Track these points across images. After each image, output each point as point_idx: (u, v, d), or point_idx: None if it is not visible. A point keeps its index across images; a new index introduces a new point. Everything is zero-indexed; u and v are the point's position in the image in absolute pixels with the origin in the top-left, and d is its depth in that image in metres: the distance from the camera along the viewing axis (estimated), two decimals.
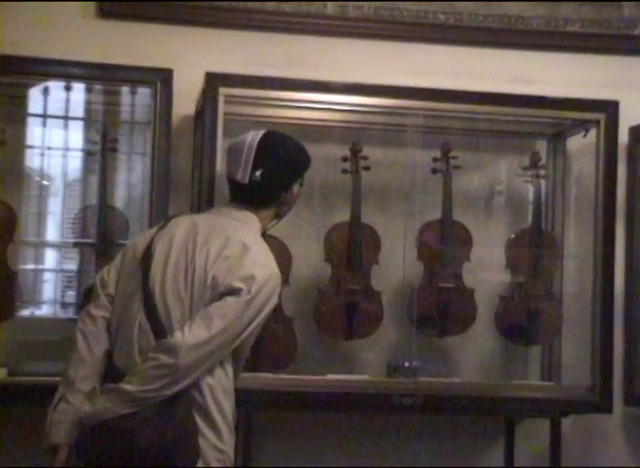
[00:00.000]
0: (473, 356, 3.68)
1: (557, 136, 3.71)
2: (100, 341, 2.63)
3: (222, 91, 3.13)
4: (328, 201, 3.57)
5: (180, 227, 2.71)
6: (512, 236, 3.61)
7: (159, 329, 2.53)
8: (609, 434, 3.76)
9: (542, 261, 3.59)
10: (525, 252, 3.57)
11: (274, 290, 2.58)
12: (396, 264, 3.43)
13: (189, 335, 2.47)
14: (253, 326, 2.57)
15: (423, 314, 3.39)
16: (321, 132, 3.60)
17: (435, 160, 3.43)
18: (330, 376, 3.21)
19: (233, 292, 2.50)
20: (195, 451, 2.50)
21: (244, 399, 2.84)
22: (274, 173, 2.73)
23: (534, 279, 3.57)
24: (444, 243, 3.45)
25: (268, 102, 3.39)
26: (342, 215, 3.44)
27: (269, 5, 3.62)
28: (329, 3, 3.69)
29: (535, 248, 3.58)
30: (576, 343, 3.57)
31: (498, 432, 3.63)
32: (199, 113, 3.32)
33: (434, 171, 3.44)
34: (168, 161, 3.23)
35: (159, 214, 3.17)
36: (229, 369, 2.61)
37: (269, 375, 3.12)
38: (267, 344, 3.18)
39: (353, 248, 3.38)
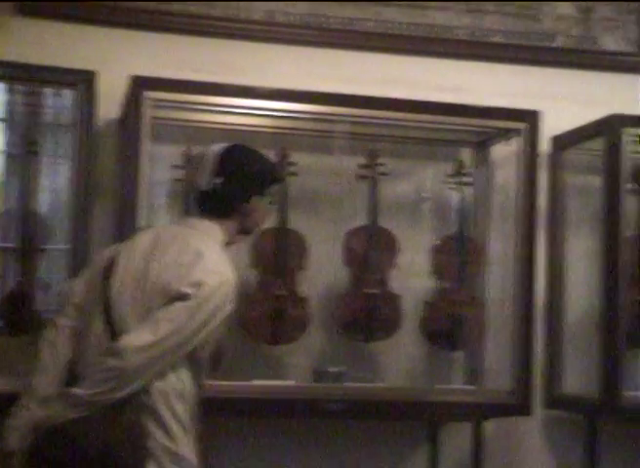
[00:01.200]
0: (398, 361, 3.72)
1: (481, 145, 3.78)
2: (63, 350, 2.65)
3: (147, 94, 3.13)
4: None
5: (144, 238, 2.74)
6: (437, 242, 3.65)
7: (114, 335, 2.53)
8: (529, 436, 3.84)
9: (467, 267, 3.65)
10: (450, 258, 3.63)
11: (227, 297, 2.58)
12: (323, 270, 3.46)
13: (135, 339, 2.47)
14: (205, 331, 2.56)
15: (349, 319, 3.42)
16: (249, 137, 3.47)
17: (362, 166, 3.46)
18: (256, 382, 3.22)
19: (182, 297, 2.50)
20: (142, 454, 2.49)
21: None
22: (233, 181, 2.72)
23: (458, 285, 3.63)
24: (370, 249, 3.48)
25: (196, 107, 3.40)
26: (270, 221, 3.35)
27: (198, 9, 3.59)
28: (256, 8, 3.68)
29: (459, 254, 3.63)
30: (498, 348, 3.62)
31: (422, 436, 3.68)
32: (124, 117, 3.32)
33: (361, 177, 3.45)
34: (91, 165, 3.24)
35: (83, 218, 3.20)
36: (184, 374, 2.59)
37: None
38: None
39: (280, 253, 3.39)
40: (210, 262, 2.58)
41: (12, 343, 3.29)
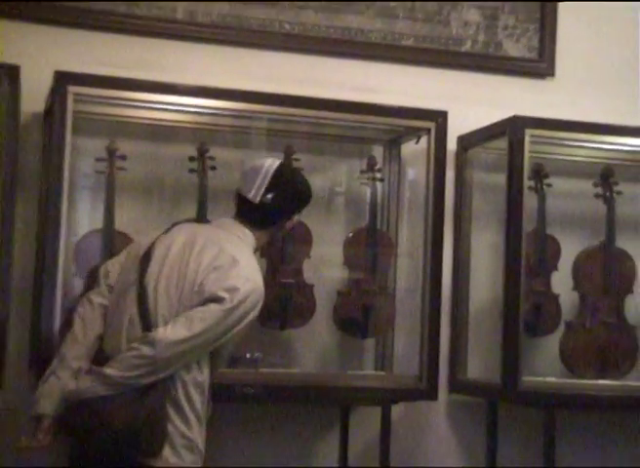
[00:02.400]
0: (312, 348, 3.76)
1: (393, 143, 3.83)
2: (94, 326, 2.75)
3: (71, 89, 3.13)
4: (176, 199, 3.62)
5: (181, 234, 2.83)
6: (350, 235, 3.71)
7: (146, 322, 2.67)
8: (434, 419, 3.92)
9: (378, 259, 3.70)
10: (361, 250, 3.68)
11: (257, 303, 2.71)
12: None
13: (170, 332, 2.60)
14: (232, 333, 2.69)
15: (266, 308, 3.26)
16: (170, 132, 3.67)
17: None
18: None
19: (217, 299, 2.62)
20: (163, 436, 2.61)
21: None
22: (283, 199, 2.86)
23: (369, 275, 3.68)
24: (287, 241, 3.49)
25: (118, 102, 3.40)
26: (190, 213, 3.43)
27: (121, 7, 3.61)
28: (179, 8, 3.69)
29: (370, 246, 3.68)
30: (407, 336, 3.70)
31: (333, 420, 3.73)
32: (48, 111, 3.31)
33: None
34: (15, 158, 3.22)
35: (6, 212, 3.19)
36: (205, 367, 2.72)
37: None
38: None
39: None
40: (244, 269, 2.71)
41: None
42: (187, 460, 2.70)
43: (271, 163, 2.93)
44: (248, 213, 2.88)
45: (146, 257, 2.77)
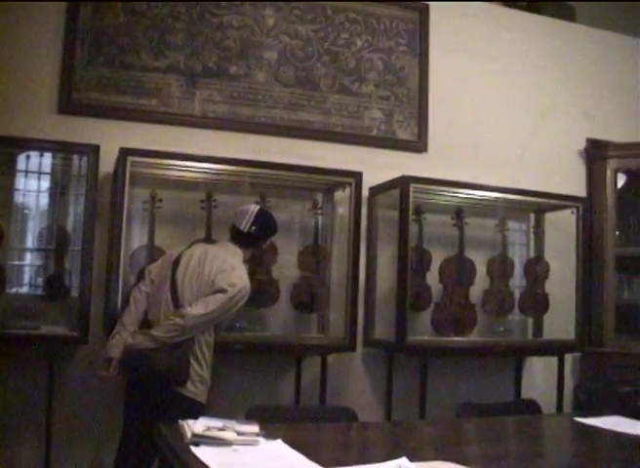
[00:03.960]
0: (277, 320, 4.03)
1: (328, 191, 4.16)
2: (142, 305, 3.07)
3: (129, 158, 3.45)
4: (192, 226, 3.82)
5: (198, 249, 3.12)
6: (301, 248, 4.03)
7: (177, 303, 2.98)
8: (354, 364, 4.23)
9: (319, 264, 4.01)
10: (309, 258, 4.00)
11: (246, 294, 3.01)
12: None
13: (194, 310, 2.91)
14: (230, 312, 3.00)
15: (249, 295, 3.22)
16: (189, 184, 3.83)
17: (257, 202, 3.69)
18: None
19: (222, 290, 2.93)
20: (186, 374, 2.92)
21: None
22: (261, 230, 3.17)
23: (314, 274, 4.01)
24: (261, 252, 3.66)
25: (158, 166, 3.66)
26: (201, 235, 3.68)
27: (161, 107, 3.86)
28: (196, 107, 3.92)
29: (314, 256, 3.99)
30: (337, 311, 3.99)
31: (291, 365, 4.03)
32: (115, 171, 3.59)
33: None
34: (94, 200, 3.49)
35: (90, 233, 3.43)
36: (212, 332, 3.02)
37: None
38: None
39: None
40: (239, 272, 2.99)
41: (50, 305, 3.57)
42: (200, 389, 2.96)
43: (254, 207, 3.21)
44: (239, 238, 3.16)
45: (176, 262, 3.04)
